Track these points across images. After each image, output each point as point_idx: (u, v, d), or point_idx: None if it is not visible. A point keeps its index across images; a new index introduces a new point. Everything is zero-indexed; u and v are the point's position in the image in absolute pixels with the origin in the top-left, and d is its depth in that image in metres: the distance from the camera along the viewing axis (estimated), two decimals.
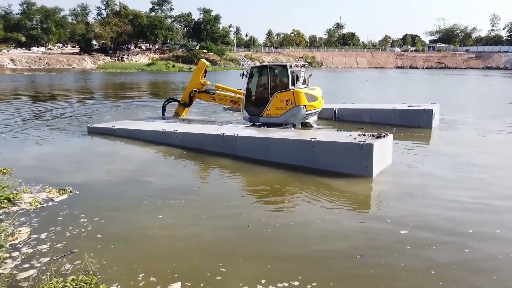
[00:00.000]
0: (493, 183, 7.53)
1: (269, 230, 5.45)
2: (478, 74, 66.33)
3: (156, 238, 5.22)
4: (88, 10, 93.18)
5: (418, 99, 22.34)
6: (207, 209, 6.27)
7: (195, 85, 15.12)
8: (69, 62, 71.74)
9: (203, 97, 15.12)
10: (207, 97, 14.90)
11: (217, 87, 14.82)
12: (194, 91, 15.02)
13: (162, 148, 10.34)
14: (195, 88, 15.04)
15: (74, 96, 26.02)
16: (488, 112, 18.04)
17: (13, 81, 38.86)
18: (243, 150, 9.39)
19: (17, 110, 17.94)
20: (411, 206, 6.39)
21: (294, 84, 11.74)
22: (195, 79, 15.27)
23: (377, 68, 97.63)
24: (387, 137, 8.43)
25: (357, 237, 5.28)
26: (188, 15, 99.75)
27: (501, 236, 5.29)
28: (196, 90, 14.99)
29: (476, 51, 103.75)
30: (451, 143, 11.43)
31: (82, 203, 6.40)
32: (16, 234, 5.19)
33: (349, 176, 7.76)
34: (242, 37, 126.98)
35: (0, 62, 63.68)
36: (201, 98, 15.25)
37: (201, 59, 15.82)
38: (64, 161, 9.32)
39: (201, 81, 15.05)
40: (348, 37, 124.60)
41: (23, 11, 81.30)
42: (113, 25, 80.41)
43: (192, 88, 15.12)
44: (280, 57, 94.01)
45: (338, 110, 14.79)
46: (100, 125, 12.66)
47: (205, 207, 6.40)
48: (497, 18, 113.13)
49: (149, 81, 43.33)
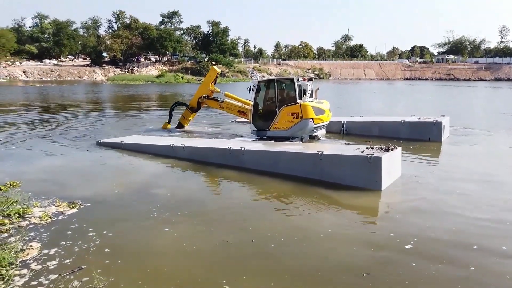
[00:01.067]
0: (502, 199, 7.44)
1: (273, 245, 5.43)
2: (488, 86, 65.85)
3: (162, 253, 5.26)
4: (99, 23, 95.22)
5: (427, 111, 22.21)
6: (213, 223, 6.29)
7: (204, 91, 15.13)
8: (80, 74, 72.88)
9: (212, 104, 15.10)
10: (216, 104, 14.88)
11: (226, 95, 14.81)
12: (203, 97, 15.02)
13: (170, 162, 10.41)
14: (205, 94, 15.04)
15: (84, 108, 26.35)
16: (499, 124, 17.86)
17: (24, 92, 39.54)
18: (250, 163, 9.40)
19: (27, 122, 18.21)
20: (418, 221, 6.35)
21: (301, 98, 11.79)
22: (205, 85, 15.33)
23: (385, 79, 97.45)
24: (395, 150, 8.38)
25: (363, 253, 5.24)
26: (197, 28, 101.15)
27: (507, 253, 5.24)
28: (205, 96, 15.00)
29: (485, 62, 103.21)
30: (461, 157, 11.34)
31: (91, 217, 6.46)
32: (26, 250, 5.24)
33: (357, 190, 7.73)
34: (250, 49, 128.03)
35: (13, 74, 64.92)
36: (210, 104, 15.24)
37: (213, 66, 15.91)
38: (73, 174, 9.41)
39: (211, 88, 15.05)
40: (356, 48, 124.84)
41: (36, 24, 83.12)
42: (123, 38, 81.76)
43: (202, 93, 15.12)
44: (288, 69, 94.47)
45: (346, 123, 14.71)
46: (109, 140, 12.81)
47: (211, 220, 6.42)
48: (506, 30, 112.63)
49: (157, 93, 43.75)
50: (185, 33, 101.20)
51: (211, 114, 20.87)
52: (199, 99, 15.14)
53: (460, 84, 74.15)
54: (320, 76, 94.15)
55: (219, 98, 14.85)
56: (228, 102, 14.53)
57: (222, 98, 14.78)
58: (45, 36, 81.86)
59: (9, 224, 6.07)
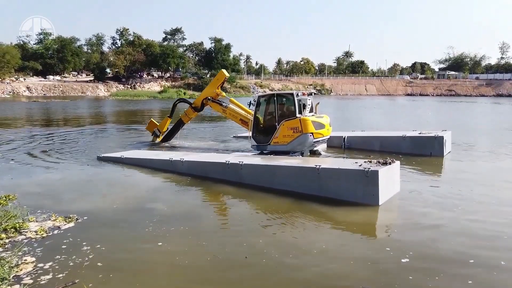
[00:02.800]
0: (501, 216, 7.30)
1: (267, 261, 5.34)
2: (490, 102, 65.96)
3: (154, 268, 5.20)
4: (103, 40, 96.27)
5: (429, 126, 22.18)
6: (207, 237, 6.23)
7: (210, 93, 14.98)
8: (83, 90, 73.55)
9: (215, 107, 14.89)
10: (219, 108, 14.68)
11: (231, 102, 14.66)
12: (208, 99, 14.88)
13: (168, 176, 10.36)
14: (210, 96, 14.88)
15: (86, 122, 26.46)
16: (502, 140, 17.78)
17: (27, 108, 39.81)
18: (248, 178, 9.35)
19: (28, 136, 18.25)
20: (415, 236, 6.28)
21: (301, 112, 11.79)
22: (211, 87, 15.24)
23: (387, 95, 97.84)
24: (393, 164, 8.29)
25: (360, 267, 5.16)
26: (200, 44, 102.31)
27: (505, 267, 5.17)
28: (210, 98, 14.85)
29: (486, 78, 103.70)
30: (461, 173, 11.22)
31: (87, 231, 6.41)
32: (21, 265, 5.17)
33: (354, 205, 7.63)
34: (252, 65, 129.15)
35: (17, 90, 65.60)
36: (213, 107, 15.01)
37: (222, 69, 15.85)
38: (71, 188, 9.37)
39: (217, 91, 14.91)
40: (357, 64, 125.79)
41: (40, 41, 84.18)
42: (126, 54, 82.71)
43: (207, 95, 14.99)
44: (290, 85, 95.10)
45: (347, 138, 14.67)
46: (109, 154, 12.81)
47: (206, 235, 6.36)
48: (506, 46, 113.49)
49: (159, 108, 43.93)
50: (187, 49, 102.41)
51: (213, 128, 20.90)
52: (204, 100, 15.00)
53: (462, 99, 74.30)
54: (321, 91, 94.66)
55: (223, 103, 14.68)
56: (232, 108, 14.32)
57: (227, 103, 14.58)
58: (49, 53, 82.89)
59: (5, 239, 6.01)
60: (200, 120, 23.23)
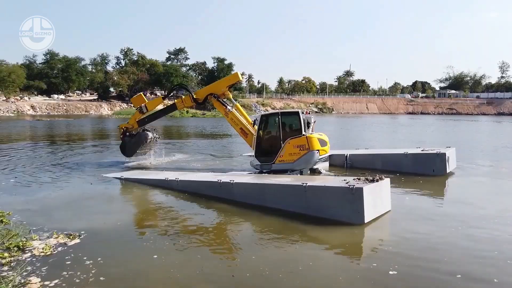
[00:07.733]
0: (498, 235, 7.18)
1: (252, 280, 5.45)
2: (491, 120, 66.03)
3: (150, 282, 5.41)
4: (108, 59, 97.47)
5: (432, 144, 22.15)
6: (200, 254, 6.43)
7: (216, 90, 14.24)
8: (87, 109, 74.09)
9: (219, 107, 14.23)
10: (222, 110, 14.05)
11: (236, 108, 14.08)
12: (213, 96, 14.12)
13: (165, 195, 10.56)
14: (216, 93, 14.13)
15: (88, 139, 26.57)
16: (505, 158, 17.73)
17: (31, 126, 40.07)
18: (239, 196, 9.44)
19: (31, 154, 18.33)
20: (400, 255, 6.25)
21: (305, 130, 11.85)
22: (220, 84, 14.61)
23: (388, 113, 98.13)
24: (381, 181, 8.16)
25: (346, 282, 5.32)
26: (203, 64, 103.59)
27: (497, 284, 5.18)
28: (216, 96, 14.11)
29: (487, 97, 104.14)
30: (459, 190, 11.15)
31: (89, 248, 6.55)
32: (27, 284, 5.17)
33: (340, 224, 7.57)
34: (254, 84, 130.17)
35: (21, 108, 66.11)
36: (217, 107, 14.44)
37: (237, 71, 15.50)
38: (73, 206, 9.40)
39: (224, 90, 14.16)
40: (358, 83, 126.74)
41: (46, 61, 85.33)
42: (130, 74, 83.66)
43: (213, 91, 14.26)
44: (292, 103, 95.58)
45: (349, 156, 14.52)
46: (110, 174, 13.01)
47: (197, 251, 6.58)
48: (506, 66, 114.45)
49: (162, 126, 44.07)
50: (190, 68, 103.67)
51: (217, 147, 20.92)
52: (208, 95, 14.32)
53: (463, 118, 74.42)
54: (323, 110, 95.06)
55: (228, 105, 14.05)
56: (235, 114, 13.71)
57: (231, 108, 13.94)
58: (54, 72, 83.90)
59: (8, 258, 5.98)
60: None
